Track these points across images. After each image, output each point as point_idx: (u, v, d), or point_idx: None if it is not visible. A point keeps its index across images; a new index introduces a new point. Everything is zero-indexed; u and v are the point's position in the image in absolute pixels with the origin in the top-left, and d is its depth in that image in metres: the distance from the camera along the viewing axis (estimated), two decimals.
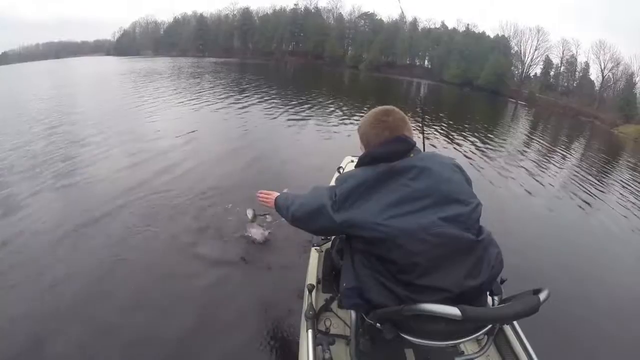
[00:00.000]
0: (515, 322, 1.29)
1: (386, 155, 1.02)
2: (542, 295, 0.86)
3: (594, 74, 35.98)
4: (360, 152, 1.15)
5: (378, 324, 0.94)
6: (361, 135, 1.15)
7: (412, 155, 1.03)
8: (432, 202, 0.93)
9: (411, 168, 0.97)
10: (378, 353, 1.04)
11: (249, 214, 2.35)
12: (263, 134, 7.01)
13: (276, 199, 1.35)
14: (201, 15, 57.98)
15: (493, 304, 1.01)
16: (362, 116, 1.29)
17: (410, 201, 0.93)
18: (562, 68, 38.58)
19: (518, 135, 12.37)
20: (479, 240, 0.93)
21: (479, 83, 37.24)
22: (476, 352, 1.04)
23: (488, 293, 1.02)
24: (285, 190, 1.41)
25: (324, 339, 1.23)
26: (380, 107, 1.13)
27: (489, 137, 10.16)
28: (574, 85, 37.27)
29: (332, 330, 1.41)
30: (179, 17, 60.04)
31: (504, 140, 10.29)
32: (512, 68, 39.68)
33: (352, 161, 2.88)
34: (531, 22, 67.31)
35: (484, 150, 8.04)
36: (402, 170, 0.97)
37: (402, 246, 0.89)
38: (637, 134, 22.16)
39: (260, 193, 1.46)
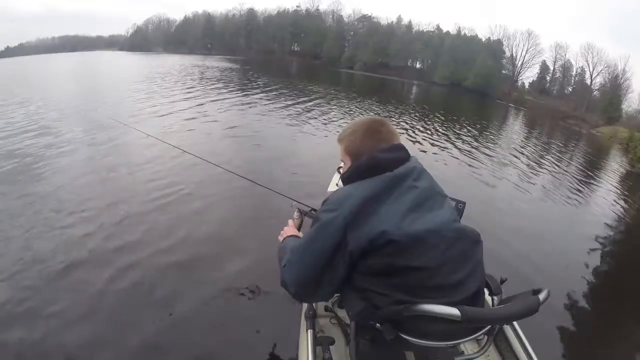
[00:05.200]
0: (514, 322, 1.28)
1: (391, 161, 0.97)
2: (542, 296, 0.84)
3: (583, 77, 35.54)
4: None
5: (378, 324, 0.90)
6: (349, 146, 1.05)
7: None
8: (437, 199, 0.96)
9: (412, 169, 0.96)
10: (378, 353, 1.01)
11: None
12: (260, 136, 6.66)
13: (283, 242, 1.17)
14: (210, 14, 60.57)
15: (493, 305, 1.00)
16: (360, 116, 1.26)
17: (422, 201, 0.92)
18: (556, 73, 38.25)
19: (502, 136, 12.25)
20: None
21: (467, 85, 37.17)
22: (476, 352, 1.03)
23: (487, 293, 1.01)
24: (288, 236, 1.21)
25: (323, 339, 1.22)
26: (369, 118, 1.10)
27: (473, 137, 9.97)
28: (570, 90, 36.85)
29: (332, 331, 1.41)
30: (190, 15, 62.93)
31: (486, 140, 10.14)
32: (504, 71, 39.49)
33: None
34: (522, 25, 66.27)
35: (464, 149, 7.92)
36: (405, 174, 0.95)
37: (432, 246, 0.86)
38: (611, 133, 22.47)
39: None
